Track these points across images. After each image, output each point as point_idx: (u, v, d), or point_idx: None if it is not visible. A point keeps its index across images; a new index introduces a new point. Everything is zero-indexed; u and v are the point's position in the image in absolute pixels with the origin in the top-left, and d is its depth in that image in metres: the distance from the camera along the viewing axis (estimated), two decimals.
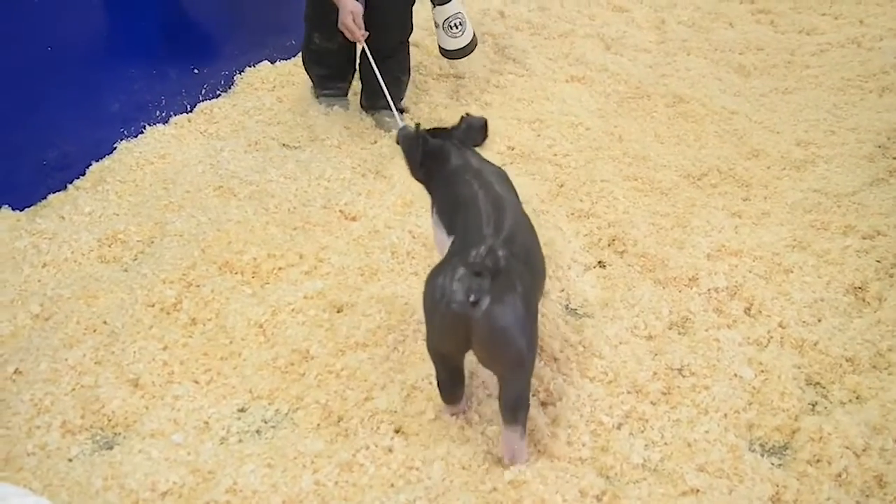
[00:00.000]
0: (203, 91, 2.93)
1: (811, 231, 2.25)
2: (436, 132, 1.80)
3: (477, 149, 1.81)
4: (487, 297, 1.36)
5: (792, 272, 2.07)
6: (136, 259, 2.13)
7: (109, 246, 2.16)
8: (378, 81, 2.54)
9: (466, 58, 3.00)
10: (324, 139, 2.71)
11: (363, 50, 2.65)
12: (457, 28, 2.89)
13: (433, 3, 2.84)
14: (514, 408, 1.48)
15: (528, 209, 2.33)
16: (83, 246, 2.13)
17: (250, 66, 3.15)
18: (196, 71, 2.89)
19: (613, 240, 2.21)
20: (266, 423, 1.67)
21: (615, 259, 2.15)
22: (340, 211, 2.31)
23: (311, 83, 2.97)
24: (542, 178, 2.54)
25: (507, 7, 4.07)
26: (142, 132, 2.69)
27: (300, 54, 2.95)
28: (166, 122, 2.77)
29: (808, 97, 3.10)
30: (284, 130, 2.78)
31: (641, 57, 3.53)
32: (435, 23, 2.91)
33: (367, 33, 2.56)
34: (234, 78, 3.09)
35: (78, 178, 2.46)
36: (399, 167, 2.45)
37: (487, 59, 3.47)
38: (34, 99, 2.28)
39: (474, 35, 2.98)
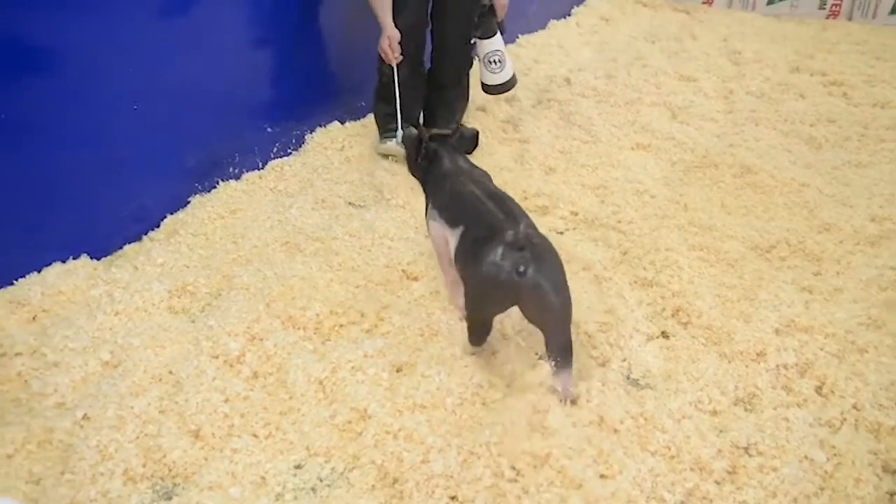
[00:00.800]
0: (275, 149, 3.05)
1: (887, 309, 2.18)
2: (434, 137, 2.16)
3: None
4: (532, 266, 1.69)
5: (867, 352, 2.00)
6: (203, 311, 2.20)
7: (179, 297, 2.24)
8: (395, 104, 2.91)
9: (507, 92, 3.26)
10: (389, 199, 2.78)
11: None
12: (496, 64, 3.11)
13: (477, 37, 3.04)
14: (566, 351, 1.78)
15: (589, 275, 2.34)
16: (154, 296, 2.21)
17: (321, 126, 3.27)
18: (269, 130, 3.02)
19: (677, 310, 2.18)
20: (321, 481, 1.67)
21: (679, 330, 2.12)
22: (403, 270, 2.35)
23: (377, 133, 3.10)
24: (606, 245, 2.54)
25: (573, 74, 4.15)
26: (215, 187, 2.80)
27: (371, 105, 3.14)
28: (238, 178, 2.89)
29: (882, 171, 3.04)
30: (351, 189, 2.87)
31: (708, 126, 3.53)
32: (477, 56, 3.17)
33: (402, 58, 2.90)
34: (305, 137, 3.21)
35: (152, 229, 2.58)
36: None
37: (553, 125, 3.53)
38: (118, 155, 2.41)
39: (514, 75, 3.22)
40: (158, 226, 2.60)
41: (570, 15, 5.38)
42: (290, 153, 3.13)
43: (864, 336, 2.05)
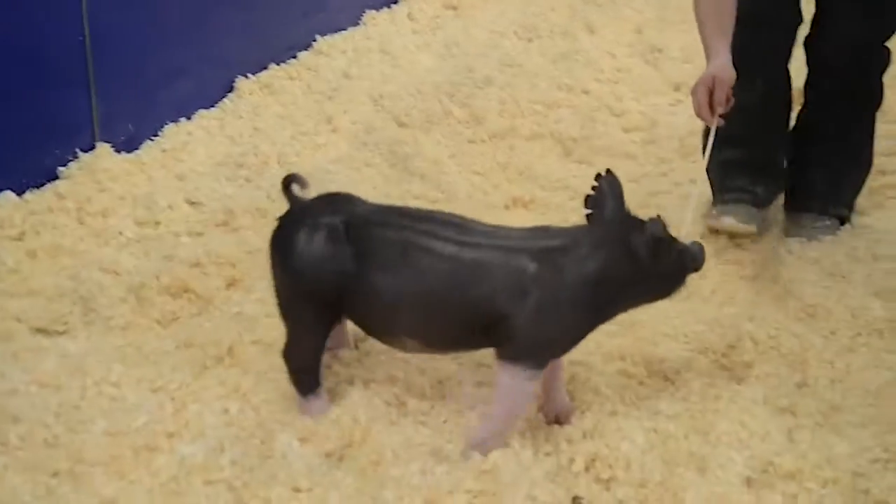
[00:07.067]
0: None
1: None
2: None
3: None
4: None
5: None
6: None
7: None
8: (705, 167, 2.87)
9: None
10: (108, 317, 2.74)
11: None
12: None
13: None
14: None
15: None
16: None
17: None
18: None
19: (593, 460, 2.23)
20: None
21: (598, 492, 2.16)
22: (146, 444, 2.29)
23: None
24: None
25: (407, 95, 4.30)
26: None
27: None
28: None
29: (888, 220, 3.31)
30: (40, 305, 2.80)
31: (622, 165, 3.70)
32: None
33: (722, 120, 2.79)
34: None
35: None
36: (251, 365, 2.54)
37: (381, 177, 3.68)
38: None
39: None
40: None
41: (396, 2, 5.59)
42: None
43: (880, 480, 2.17)
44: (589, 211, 2.29)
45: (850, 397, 2.47)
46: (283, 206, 3.30)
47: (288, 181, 2.40)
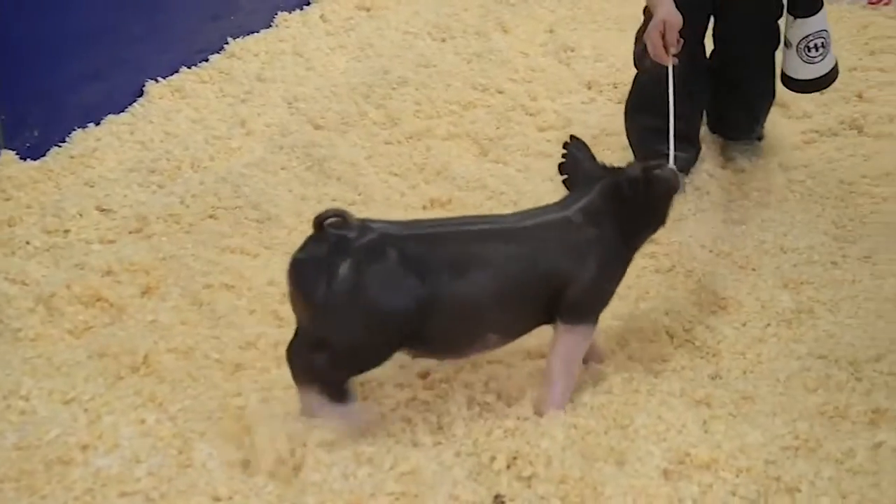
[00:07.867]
0: None
1: (821, 422, 2.39)
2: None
3: None
4: None
5: (799, 491, 2.17)
6: None
7: None
8: (669, 117, 2.96)
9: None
10: (17, 329, 2.70)
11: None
12: (816, 50, 3.56)
13: (792, 16, 3.53)
14: None
15: None
16: None
17: None
18: None
19: (514, 458, 2.25)
20: None
21: (520, 490, 2.18)
22: (59, 457, 2.25)
23: None
24: None
25: (322, 97, 4.30)
26: None
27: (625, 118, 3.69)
28: None
29: (790, 207, 3.40)
30: None
31: (538, 165, 3.75)
32: (786, 42, 3.60)
33: (677, 59, 3.10)
34: None
35: None
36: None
37: (297, 181, 3.67)
38: None
39: (836, 63, 3.64)
40: None
41: (308, 3, 5.57)
42: None
43: (792, 468, 2.22)
44: (565, 176, 2.53)
45: (762, 387, 2.54)
46: (198, 211, 3.33)
47: (323, 218, 2.24)
